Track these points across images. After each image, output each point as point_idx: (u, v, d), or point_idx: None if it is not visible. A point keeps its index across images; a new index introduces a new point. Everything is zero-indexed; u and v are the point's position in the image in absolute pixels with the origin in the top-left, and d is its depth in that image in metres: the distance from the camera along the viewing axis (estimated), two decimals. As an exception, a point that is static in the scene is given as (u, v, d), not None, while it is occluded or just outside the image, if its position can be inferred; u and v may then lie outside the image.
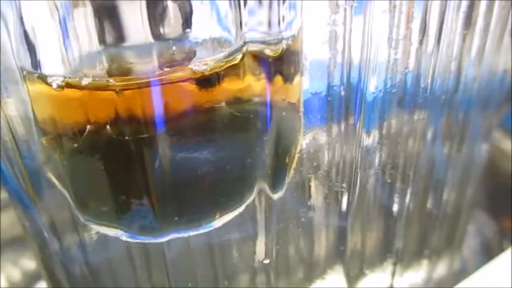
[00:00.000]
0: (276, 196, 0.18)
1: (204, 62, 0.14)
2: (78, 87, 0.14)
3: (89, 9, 0.13)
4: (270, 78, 0.16)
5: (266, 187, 0.18)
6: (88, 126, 0.15)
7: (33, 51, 0.14)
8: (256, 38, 0.15)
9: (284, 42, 0.16)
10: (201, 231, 0.17)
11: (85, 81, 0.14)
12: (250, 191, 0.17)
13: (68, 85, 0.14)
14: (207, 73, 0.14)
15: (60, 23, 0.13)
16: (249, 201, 0.18)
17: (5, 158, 0.17)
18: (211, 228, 0.17)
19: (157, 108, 0.14)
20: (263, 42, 0.15)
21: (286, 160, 0.18)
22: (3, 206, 0.30)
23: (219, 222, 0.17)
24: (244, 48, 0.15)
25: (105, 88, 0.14)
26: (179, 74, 0.14)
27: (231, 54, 0.15)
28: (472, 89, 0.21)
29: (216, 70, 0.14)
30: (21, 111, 0.16)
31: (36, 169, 0.17)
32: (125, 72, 0.14)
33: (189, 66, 0.14)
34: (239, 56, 0.15)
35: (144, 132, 0.14)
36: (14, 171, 0.17)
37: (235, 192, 0.17)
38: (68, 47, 0.14)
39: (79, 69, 0.14)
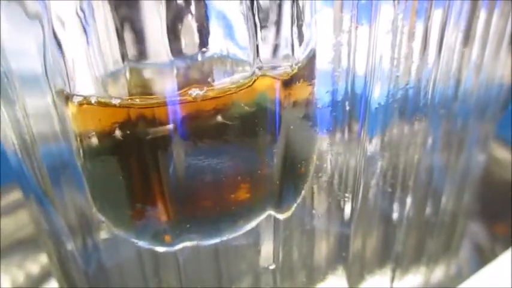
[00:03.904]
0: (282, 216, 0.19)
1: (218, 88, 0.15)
2: (109, 105, 0.15)
3: (111, 24, 0.13)
4: (282, 96, 0.16)
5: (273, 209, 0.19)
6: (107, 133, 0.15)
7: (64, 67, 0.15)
8: (270, 63, 0.16)
9: (299, 64, 0.16)
10: (212, 241, 0.18)
11: (115, 101, 0.15)
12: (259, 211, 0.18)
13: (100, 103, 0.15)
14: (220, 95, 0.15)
15: (87, 39, 0.14)
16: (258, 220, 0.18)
17: (24, 156, 0.17)
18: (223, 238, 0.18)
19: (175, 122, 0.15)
20: (276, 67, 0.16)
21: (301, 171, 0.19)
22: (4, 212, 0.30)
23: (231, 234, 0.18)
24: (258, 73, 0.16)
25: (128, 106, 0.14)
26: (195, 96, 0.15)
27: (245, 78, 0.15)
28: (470, 99, 0.22)
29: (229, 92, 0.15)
30: (40, 110, 0.16)
31: (55, 168, 0.17)
32: (146, 91, 0.15)
33: (205, 89, 0.15)
34: (253, 79, 0.15)
35: (160, 141, 0.15)
36: (33, 170, 0.17)
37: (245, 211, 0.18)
38: (94, 64, 0.14)
39: (105, 84, 0.15)
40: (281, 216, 0.19)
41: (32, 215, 0.19)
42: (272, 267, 0.20)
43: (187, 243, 0.18)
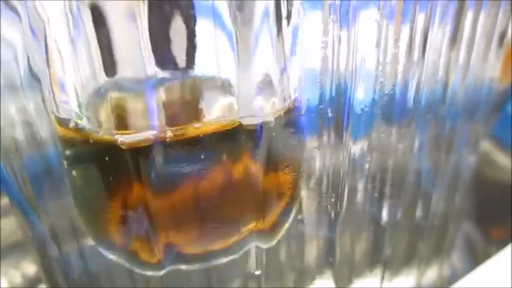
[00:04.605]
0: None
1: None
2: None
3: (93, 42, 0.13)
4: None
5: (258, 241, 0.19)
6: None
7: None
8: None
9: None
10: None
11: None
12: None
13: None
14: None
15: (75, 52, 0.14)
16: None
17: (6, 164, 0.17)
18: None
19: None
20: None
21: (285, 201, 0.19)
22: (4, 212, 0.30)
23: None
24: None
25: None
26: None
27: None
28: (458, 101, 0.21)
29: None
30: (22, 117, 0.16)
31: (37, 176, 0.17)
32: (128, 121, 0.15)
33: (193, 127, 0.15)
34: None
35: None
36: (15, 178, 0.17)
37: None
38: (78, 80, 0.14)
39: (87, 103, 0.15)
40: (264, 246, 0.19)
41: (17, 221, 0.19)
42: (258, 272, 0.20)
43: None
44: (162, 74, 0.14)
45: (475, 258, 0.30)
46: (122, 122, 0.14)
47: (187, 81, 0.15)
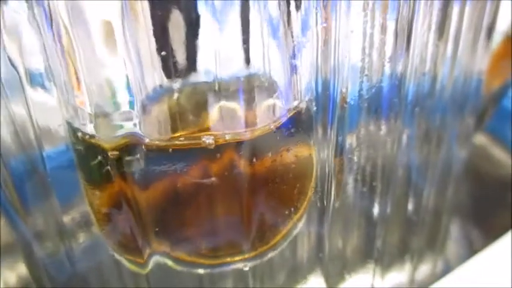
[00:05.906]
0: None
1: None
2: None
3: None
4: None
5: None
6: None
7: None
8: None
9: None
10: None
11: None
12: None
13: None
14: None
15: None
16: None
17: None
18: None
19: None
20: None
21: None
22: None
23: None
24: None
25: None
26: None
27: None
28: (447, 94, 0.21)
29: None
30: (6, 119, 0.16)
31: (21, 178, 0.17)
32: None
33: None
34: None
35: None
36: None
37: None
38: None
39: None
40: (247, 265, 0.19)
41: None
42: (246, 268, 0.20)
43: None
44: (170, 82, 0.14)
45: (472, 253, 0.30)
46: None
47: (197, 88, 0.15)
